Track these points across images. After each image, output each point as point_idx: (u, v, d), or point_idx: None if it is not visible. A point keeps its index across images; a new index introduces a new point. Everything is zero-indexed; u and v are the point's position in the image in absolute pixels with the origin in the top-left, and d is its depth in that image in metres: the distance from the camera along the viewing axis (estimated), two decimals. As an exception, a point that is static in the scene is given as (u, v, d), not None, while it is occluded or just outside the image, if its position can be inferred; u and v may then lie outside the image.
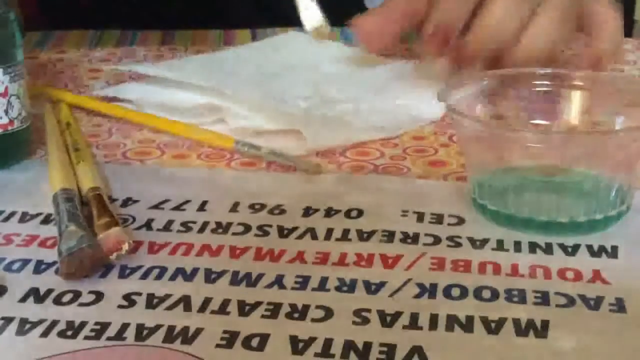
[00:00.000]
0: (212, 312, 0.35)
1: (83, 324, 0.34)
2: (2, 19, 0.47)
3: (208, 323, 0.34)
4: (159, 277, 0.37)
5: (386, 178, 0.48)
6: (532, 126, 0.46)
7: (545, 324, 0.34)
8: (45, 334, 0.33)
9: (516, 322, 0.34)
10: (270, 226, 0.42)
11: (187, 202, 0.45)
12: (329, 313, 0.35)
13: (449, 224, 0.42)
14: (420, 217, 0.43)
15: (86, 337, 0.33)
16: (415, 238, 0.41)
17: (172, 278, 0.37)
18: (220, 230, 0.42)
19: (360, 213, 0.43)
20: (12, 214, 0.44)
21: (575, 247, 0.39)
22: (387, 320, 0.34)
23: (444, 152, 0.51)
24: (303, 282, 0.37)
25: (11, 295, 0.36)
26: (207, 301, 0.35)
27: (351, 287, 0.37)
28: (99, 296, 0.36)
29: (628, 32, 0.77)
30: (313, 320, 0.34)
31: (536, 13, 0.56)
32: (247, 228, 0.42)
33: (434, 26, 0.56)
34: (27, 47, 0.51)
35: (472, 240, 0.40)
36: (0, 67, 0.47)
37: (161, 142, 0.52)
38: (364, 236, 0.41)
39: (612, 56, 0.58)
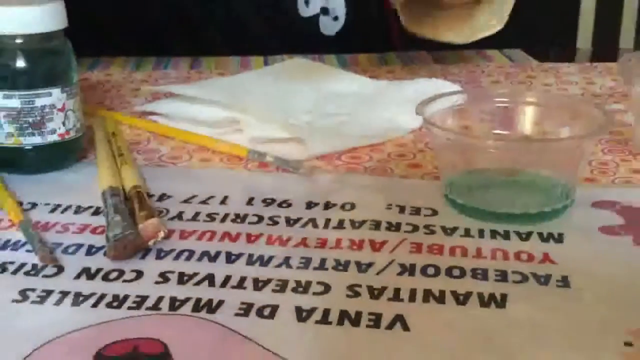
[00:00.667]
0: (232, 287, 0.35)
1: (126, 297, 0.34)
2: (61, 49, 0.48)
3: (228, 296, 0.34)
4: (188, 258, 0.38)
5: (374, 178, 0.48)
6: (493, 135, 0.46)
7: (504, 297, 0.34)
8: (95, 305, 0.34)
9: (480, 295, 0.34)
10: (279, 217, 0.42)
11: (211, 197, 0.45)
12: (327, 288, 0.35)
13: (425, 215, 0.42)
14: (401, 209, 0.43)
15: (129, 308, 0.33)
16: (397, 227, 0.41)
17: (199, 259, 0.38)
18: (238, 220, 0.42)
19: (352, 206, 0.43)
20: (68, 207, 0.44)
21: (529, 234, 0.40)
22: (375, 293, 0.34)
23: (421, 156, 0.51)
24: (306, 263, 0.37)
25: (67, 273, 0.36)
26: (227, 278, 0.36)
27: (345, 266, 0.37)
28: (139, 274, 0.36)
29: (571, 58, 0.78)
30: (314, 293, 0.35)
31: None
32: (260, 218, 0.42)
33: None
34: (80, 70, 0.52)
35: (444, 229, 0.41)
36: (59, 87, 0.47)
37: (190, 149, 0.53)
38: (356, 225, 0.41)
39: None
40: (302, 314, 0.33)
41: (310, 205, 0.44)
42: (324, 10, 0.79)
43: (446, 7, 0.67)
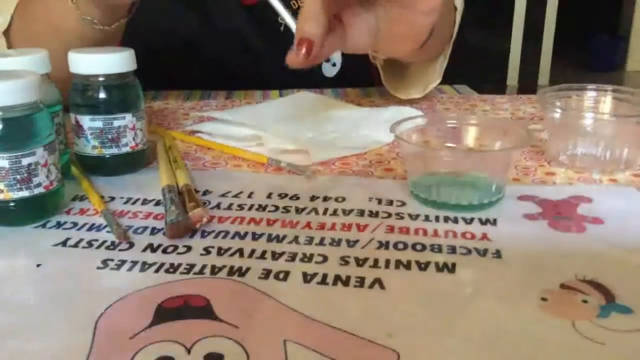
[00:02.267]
0: (256, 257, 0.35)
1: (179, 265, 0.34)
2: (132, 84, 0.47)
3: (253, 264, 0.34)
4: (224, 237, 0.38)
5: (359, 178, 0.47)
6: (445, 147, 0.46)
7: (454, 265, 0.34)
8: (157, 270, 0.34)
9: (437, 264, 0.34)
10: (291, 207, 0.42)
11: (241, 192, 0.45)
12: (325, 259, 0.35)
13: (396, 206, 0.42)
14: (379, 201, 0.43)
15: (181, 273, 0.33)
16: (376, 214, 0.41)
17: (232, 237, 0.38)
18: (260, 209, 0.42)
19: (344, 199, 0.43)
20: (137, 199, 0.44)
21: (472, 220, 0.39)
22: (360, 263, 0.34)
23: (394, 162, 0.50)
24: (310, 240, 0.37)
25: (136, 248, 0.37)
26: (252, 251, 0.36)
27: (338, 243, 0.37)
28: (189, 248, 0.36)
29: (502, 91, 0.78)
30: (316, 262, 0.34)
31: None
32: (277, 208, 0.42)
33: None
34: (146, 100, 0.51)
35: (410, 215, 0.40)
36: (130, 112, 0.47)
37: (225, 157, 0.52)
38: (346, 213, 0.41)
39: None
40: (307, 278, 0.33)
41: (313, 198, 0.44)
42: (326, 59, 0.79)
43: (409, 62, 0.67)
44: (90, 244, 0.37)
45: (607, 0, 3.81)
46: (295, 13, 0.43)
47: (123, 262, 0.35)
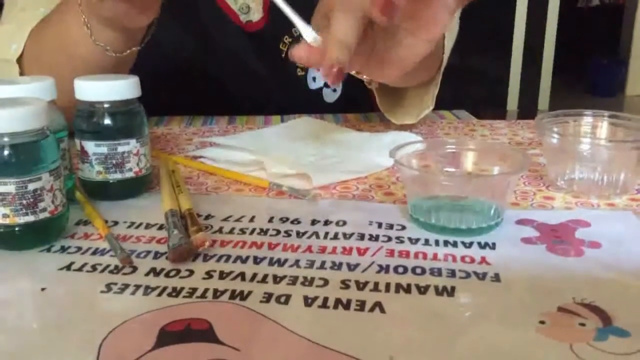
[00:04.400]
0: (257, 281, 0.35)
1: (182, 289, 0.34)
2: (136, 110, 0.48)
3: (255, 288, 0.34)
4: (226, 261, 0.38)
5: (360, 202, 0.47)
6: (445, 172, 0.46)
7: (453, 288, 0.34)
8: (159, 294, 0.34)
9: (436, 287, 0.34)
10: (292, 231, 0.42)
11: (243, 216, 0.45)
12: (326, 282, 0.35)
13: (396, 229, 0.42)
14: (379, 225, 0.43)
15: (184, 296, 0.33)
16: (377, 237, 0.41)
17: (234, 261, 0.38)
18: (262, 233, 0.42)
19: (344, 223, 0.43)
20: (141, 224, 0.44)
21: (471, 243, 0.40)
22: (360, 286, 0.34)
23: (393, 186, 0.51)
24: (311, 264, 0.37)
25: (140, 272, 0.37)
26: (254, 275, 0.36)
27: (339, 266, 0.37)
28: (191, 272, 0.36)
29: (502, 117, 0.78)
30: (317, 286, 0.34)
31: None
32: (278, 232, 0.42)
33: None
34: (149, 125, 0.52)
35: (410, 239, 0.40)
36: (134, 138, 0.47)
37: (227, 181, 0.53)
38: (347, 236, 0.41)
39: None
40: (308, 301, 0.33)
41: (314, 222, 0.44)
42: (326, 85, 0.80)
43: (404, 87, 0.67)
44: (94, 268, 0.37)
45: (606, 25, 3.85)
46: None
47: (126, 286, 0.35)
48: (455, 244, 0.40)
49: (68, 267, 0.38)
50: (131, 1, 0.50)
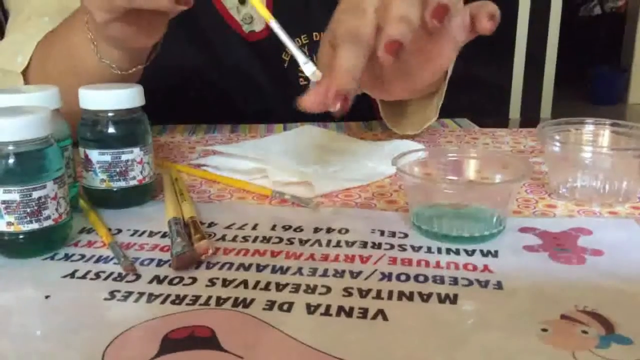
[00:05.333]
0: (260, 289, 0.35)
1: (185, 296, 0.34)
2: (139, 119, 0.48)
3: (258, 295, 0.34)
4: (229, 268, 0.38)
5: (362, 210, 0.47)
6: (447, 180, 0.46)
7: (456, 296, 0.34)
8: (163, 302, 0.34)
9: (439, 295, 0.34)
10: (294, 238, 0.42)
11: (246, 224, 0.45)
12: (328, 290, 0.35)
13: (399, 237, 0.42)
14: (382, 233, 0.43)
15: (187, 304, 0.34)
16: (379, 245, 0.41)
17: (237, 269, 0.38)
18: (265, 241, 0.42)
19: (347, 231, 0.43)
20: (144, 231, 0.44)
21: (473, 251, 0.40)
22: (363, 294, 0.34)
23: (396, 194, 0.51)
24: (313, 272, 0.37)
25: (143, 279, 0.37)
26: (257, 283, 0.36)
27: (342, 274, 0.37)
28: (194, 280, 0.36)
29: (504, 125, 0.78)
30: (319, 293, 0.35)
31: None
32: (281, 239, 0.42)
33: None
34: (153, 134, 0.51)
35: (412, 247, 0.40)
36: (138, 147, 0.47)
37: (230, 190, 0.53)
38: (349, 244, 0.41)
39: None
40: (310, 309, 0.33)
41: (316, 230, 0.44)
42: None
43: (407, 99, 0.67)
44: (97, 275, 0.38)
45: (608, 33, 3.86)
46: (301, 46, 0.44)
47: (130, 293, 0.35)
48: (457, 252, 0.40)
49: (72, 275, 0.38)
50: (138, 24, 0.50)
